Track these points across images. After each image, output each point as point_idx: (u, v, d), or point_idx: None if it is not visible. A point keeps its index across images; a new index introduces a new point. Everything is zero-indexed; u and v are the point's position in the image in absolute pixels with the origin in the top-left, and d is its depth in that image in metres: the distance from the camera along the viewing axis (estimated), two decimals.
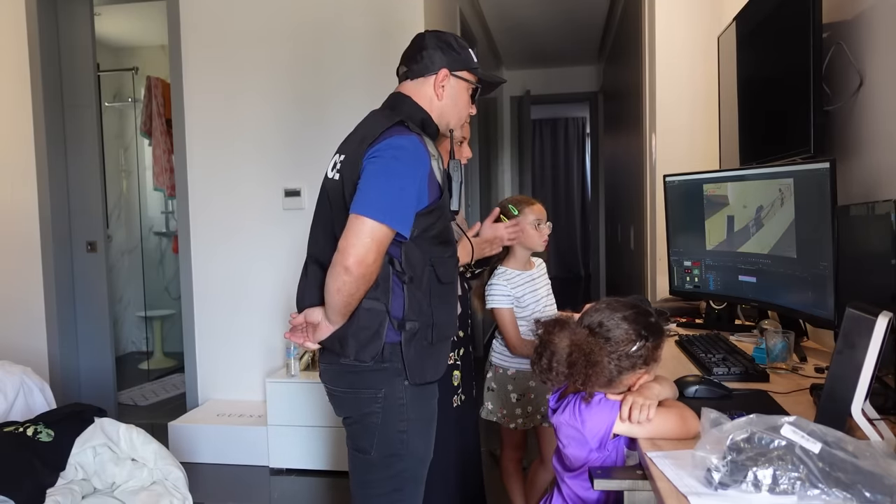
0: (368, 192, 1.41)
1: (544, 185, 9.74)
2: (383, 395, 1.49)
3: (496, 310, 2.17)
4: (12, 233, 3.52)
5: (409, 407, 1.51)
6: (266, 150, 3.36)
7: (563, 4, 4.99)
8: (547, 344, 1.27)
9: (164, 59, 4.07)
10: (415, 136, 1.47)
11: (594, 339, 1.25)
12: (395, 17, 3.23)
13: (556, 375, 1.25)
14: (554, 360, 1.25)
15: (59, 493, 1.92)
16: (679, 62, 3.01)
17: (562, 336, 1.26)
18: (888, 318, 1.04)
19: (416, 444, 1.55)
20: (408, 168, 1.43)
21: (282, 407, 3.01)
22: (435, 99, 1.59)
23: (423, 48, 1.58)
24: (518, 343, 2.14)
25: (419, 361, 1.50)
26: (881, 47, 1.65)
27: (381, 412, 1.50)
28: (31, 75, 3.44)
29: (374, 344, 1.46)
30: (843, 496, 0.90)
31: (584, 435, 1.26)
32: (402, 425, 1.51)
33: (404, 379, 1.49)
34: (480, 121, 5.38)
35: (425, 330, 1.50)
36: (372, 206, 1.39)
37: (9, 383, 2.35)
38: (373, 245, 1.38)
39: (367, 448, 1.53)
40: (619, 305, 1.32)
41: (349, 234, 1.39)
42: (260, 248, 3.37)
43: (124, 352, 5.45)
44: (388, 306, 1.46)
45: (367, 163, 1.44)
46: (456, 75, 1.59)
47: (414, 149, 1.44)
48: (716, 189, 2.10)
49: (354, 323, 1.46)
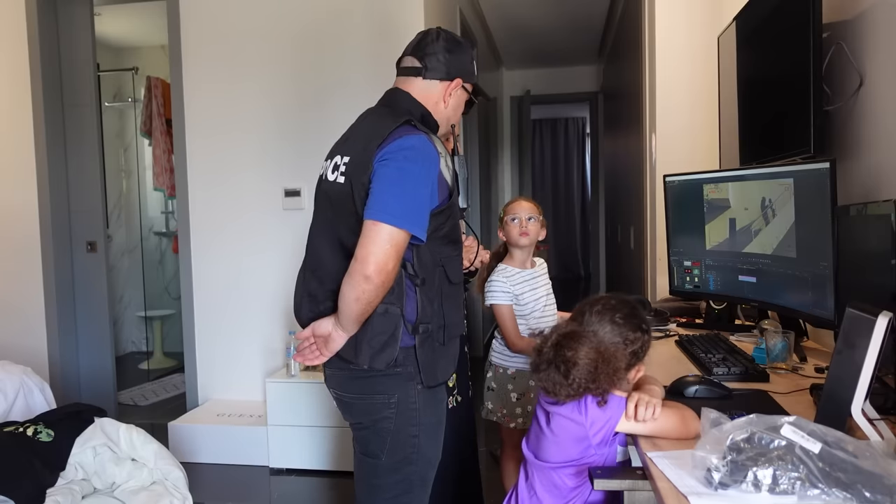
0: (384, 196, 1.36)
1: (544, 185, 9.74)
2: (396, 399, 1.47)
3: (495, 306, 2.17)
4: (12, 233, 3.52)
5: (421, 411, 1.49)
6: (266, 150, 3.36)
7: (563, 4, 4.99)
8: (566, 360, 1.23)
9: (164, 59, 4.07)
10: (423, 136, 1.44)
11: (613, 345, 1.25)
12: (395, 17, 3.23)
13: (576, 388, 1.23)
14: (574, 373, 1.22)
15: (59, 493, 1.92)
16: (679, 62, 3.01)
17: (581, 349, 1.24)
18: (888, 318, 1.04)
19: (427, 447, 1.53)
20: (421, 169, 1.39)
21: (282, 407, 3.01)
22: (441, 103, 1.56)
23: (443, 51, 1.54)
24: (517, 340, 2.15)
25: (432, 363, 1.48)
26: (881, 47, 1.65)
27: (395, 417, 1.47)
28: (31, 75, 3.44)
29: (389, 349, 1.42)
30: (843, 496, 0.90)
31: (586, 431, 1.26)
32: (414, 430, 1.49)
33: (417, 383, 1.47)
34: (480, 121, 5.38)
35: (437, 331, 1.48)
36: (389, 212, 1.35)
37: (9, 383, 2.35)
38: (392, 251, 1.35)
39: (378, 453, 1.50)
40: (613, 304, 1.32)
41: (367, 242, 1.35)
42: (260, 247, 3.37)
43: (124, 352, 5.45)
44: (403, 310, 1.43)
45: (379, 165, 1.39)
46: (465, 88, 1.59)
47: (425, 148, 1.41)
48: (716, 192, 2.10)
49: (369, 329, 1.41)
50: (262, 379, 3.38)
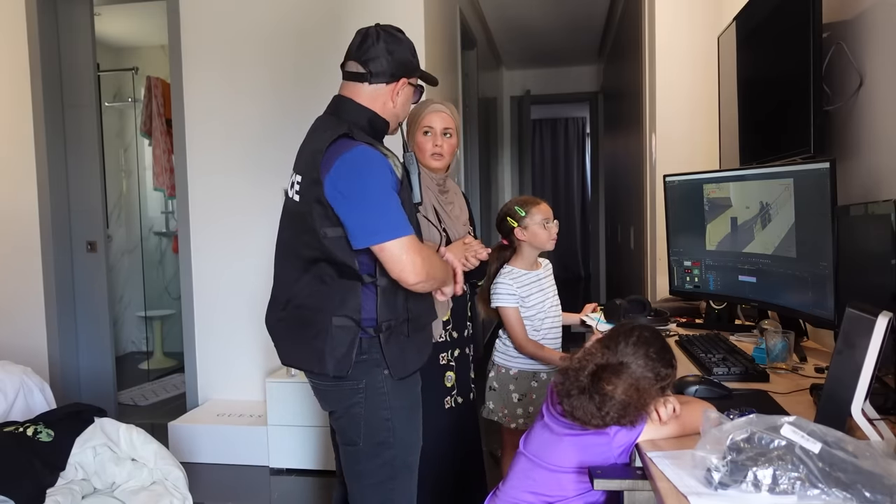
0: (360, 221, 1.44)
1: (544, 185, 9.73)
2: (364, 385, 1.52)
3: (502, 308, 2.16)
4: (12, 233, 3.52)
5: (390, 395, 1.54)
6: (266, 150, 3.36)
7: (563, 4, 4.99)
8: (603, 393, 1.22)
9: (164, 59, 4.07)
10: (361, 146, 1.47)
11: (646, 380, 1.24)
12: (395, 18, 3.21)
13: (607, 421, 1.22)
14: (608, 406, 1.22)
15: (59, 493, 1.92)
16: (679, 62, 3.01)
17: (620, 384, 1.22)
18: (888, 318, 1.04)
19: (403, 430, 1.57)
20: (372, 175, 1.45)
21: (282, 407, 3.01)
22: (389, 103, 1.58)
23: (385, 53, 1.54)
24: (525, 343, 2.14)
25: (400, 356, 1.53)
26: (881, 47, 1.65)
27: (364, 402, 1.53)
28: (31, 75, 3.44)
29: (349, 356, 1.49)
30: (843, 496, 0.90)
31: (611, 447, 1.26)
32: (385, 413, 1.54)
33: (384, 369, 1.52)
34: (480, 121, 5.38)
35: (401, 325, 1.53)
36: (378, 232, 1.43)
37: (9, 383, 2.35)
38: (410, 256, 1.43)
39: (356, 439, 1.55)
40: (647, 337, 1.29)
41: (389, 266, 1.44)
42: (260, 247, 3.37)
43: (124, 352, 5.45)
44: (359, 319, 1.49)
45: (334, 192, 1.44)
46: (411, 83, 1.61)
47: (369, 156, 1.45)
48: (718, 191, 2.10)
49: (329, 342, 1.48)
50: (262, 379, 3.38)
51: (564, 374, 1.29)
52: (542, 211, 2.18)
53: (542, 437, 1.38)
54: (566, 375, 1.28)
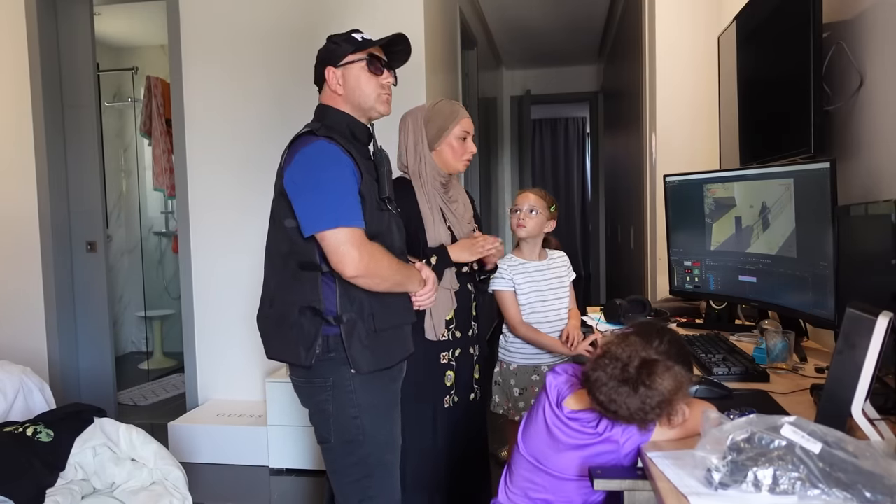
0: (307, 208, 1.48)
1: (544, 184, 9.72)
2: (332, 383, 1.55)
3: (497, 292, 2.25)
4: (12, 233, 3.51)
5: (357, 393, 1.55)
6: (266, 150, 3.35)
7: (563, 5, 4.99)
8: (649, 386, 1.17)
9: (164, 59, 4.07)
10: (322, 141, 1.51)
11: (687, 381, 1.22)
12: (395, 18, 3.22)
13: (647, 413, 1.19)
14: (648, 401, 1.17)
15: (58, 493, 1.92)
16: (679, 62, 3.01)
17: (667, 381, 1.18)
18: (888, 318, 1.04)
19: (374, 429, 1.58)
20: (325, 168, 1.48)
21: (282, 407, 3.01)
22: (338, 94, 1.63)
23: (317, 62, 1.66)
24: (519, 324, 2.21)
25: (363, 352, 1.53)
26: (881, 47, 1.65)
27: (332, 399, 1.55)
28: (30, 75, 3.44)
29: (313, 350, 1.53)
30: (844, 496, 0.90)
31: (619, 455, 1.25)
32: (353, 411, 1.56)
33: (350, 368, 1.53)
34: (481, 120, 5.38)
35: (363, 321, 1.53)
36: (320, 220, 1.45)
37: (8, 383, 2.34)
38: (348, 248, 1.44)
39: (327, 436, 1.58)
40: (678, 339, 1.27)
41: (328, 255, 1.47)
42: (259, 247, 3.33)
43: (124, 352, 5.45)
44: (322, 308, 1.51)
45: (290, 183, 1.51)
46: (341, 65, 1.62)
47: (322, 149, 1.50)
48: (721, 190, 2.10)
49: (299, 332, 1.52)
50: (262, 379, 3.38)
51: (602, 362, 1.21)
52: (518, 200, 2.27)
53: (544, 440, 1.35)
54: (604, 364, 1.20)
